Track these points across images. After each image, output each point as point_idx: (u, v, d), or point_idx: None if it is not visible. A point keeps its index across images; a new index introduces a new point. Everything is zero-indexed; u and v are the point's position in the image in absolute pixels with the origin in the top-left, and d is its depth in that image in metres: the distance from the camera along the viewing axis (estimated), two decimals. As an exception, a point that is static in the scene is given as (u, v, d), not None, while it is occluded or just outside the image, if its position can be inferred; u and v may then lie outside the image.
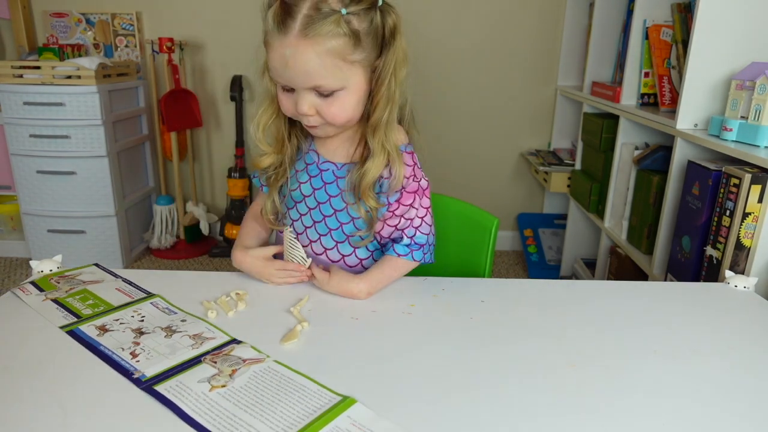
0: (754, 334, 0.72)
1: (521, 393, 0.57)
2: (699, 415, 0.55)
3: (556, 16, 2.41)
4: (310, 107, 0.76)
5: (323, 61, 0.72)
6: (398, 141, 0.84)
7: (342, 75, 0.74)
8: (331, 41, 0.71)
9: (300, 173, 0.89)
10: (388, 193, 0.84)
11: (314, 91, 0.75)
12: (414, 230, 0.86)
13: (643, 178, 1.56)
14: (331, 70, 0.73)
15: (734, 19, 1.25)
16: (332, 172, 0.86)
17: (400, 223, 0.86)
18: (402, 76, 0.80)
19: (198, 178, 2.64)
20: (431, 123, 2.51)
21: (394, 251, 0.85)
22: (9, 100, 2.10)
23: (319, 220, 0.88)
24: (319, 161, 0.87)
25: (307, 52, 0.71)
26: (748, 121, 1.16)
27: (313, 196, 0.87)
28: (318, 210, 0.87)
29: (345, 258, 0.89)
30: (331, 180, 0.86)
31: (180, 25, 2.42)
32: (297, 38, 0.70)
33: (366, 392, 0.55)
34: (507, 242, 2.71)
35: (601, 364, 0.63)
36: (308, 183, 0.88)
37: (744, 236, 1.07)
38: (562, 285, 0.87)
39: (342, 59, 0.73)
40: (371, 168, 0.80)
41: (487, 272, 1.03)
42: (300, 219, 0.90)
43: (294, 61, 0.72)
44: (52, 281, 0.80)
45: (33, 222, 2.26)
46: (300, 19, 0.70)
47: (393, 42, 0.78)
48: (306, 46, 0.70)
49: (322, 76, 0.73)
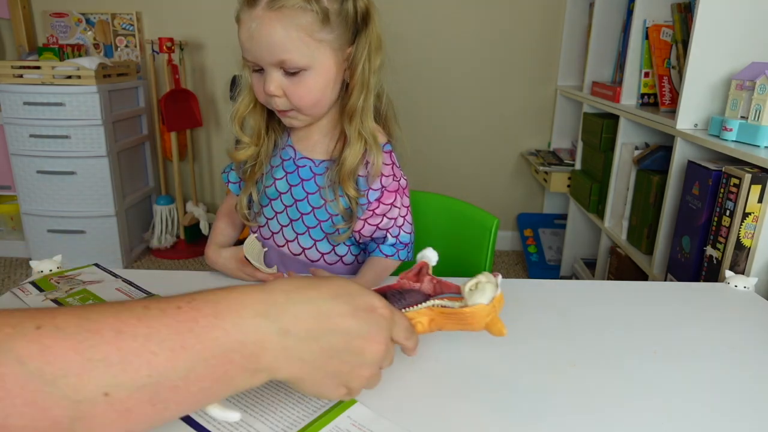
0: (754, 334, 0.72)
1: (521, 393, 0.57)
2: (699, 415, 0.55)
3: (556, 16, 2.40)
4: (276, 87, 0.76)
5: (289, 34, 0.72)
6: (377, 139, 0.84)
7: (308, 52, 0.74)
8: (299, 16, 0.71)
9: (276, 169, 0.87)
10: (370, 180, 0.83)
11: (281, 69, 0.75)
12: (398, 230, 0.86)
13: (643, 178, 1.56)
14: (296, 44, 0.73)
15: (734, 19, 1.25)
16: (309, 168, 0.85)
17: (383, 222, 0.86)
18: (377, 64, 0.80)
19: (198, 178, 2.64)
20: (431, 123, 2.51)
21: (380, 252, 0.85)
22: (9, 100, 2.10)
23: (296, 218, 0.86)
24: (296, 157, 0.86)
25: (273, 24, 0.71)
26: (748, 121, 1.16)
27: (290, 193, 0.86)
28: (294, 207, 0.86)
29: (324, 256, 0.89)
30: (309, 177, 0.85)
31: (180, 25, 2.42)
32: (264, 10, 0.71)
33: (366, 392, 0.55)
34: (507, 242, 2.71)
35: (601, 364, 0.63)
36: (284, 179, 0.86)
37: (744, 236, 1.07)
38: (562, 285, 0.87)
39: (309, 35, 0.73)
40: (349, 156, 0.80)
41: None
42: (275, 217, 0.88)
43: (259, 33, 0.72)
44: (52, 281, 0.80)
45: (33, 222, 2.26)
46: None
47: (366, 28, 0.78)
48: (272, 19, 0.71)
49: (287, 50, 0.73)
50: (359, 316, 0.45)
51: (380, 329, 0.47)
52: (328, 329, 0.44)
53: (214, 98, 2.53)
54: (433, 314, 0.54)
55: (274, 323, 0.41)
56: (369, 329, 0.46)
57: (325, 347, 0.43)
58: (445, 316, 0.54)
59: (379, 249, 0.85)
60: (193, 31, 2.43)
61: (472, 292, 0.52)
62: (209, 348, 0.37)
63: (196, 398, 0.38)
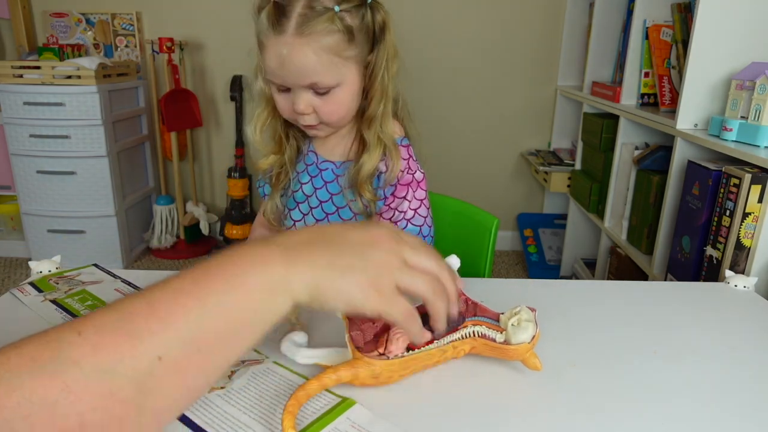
0: (754, 334, 0.72)
1: (521, 393, 0.57)
2: (699, 415, 0.55)
3: (556, 16, 2.40)
4: (307, 106, 0.77)
5: (320, 58, 0.73)
6: (394, 134, 0.85)
7: (338, 71, 0.76)
8: (327, 38, 0.72)
9: (301, 174, 0.90)
10: (384, 186, 0.85)
11: (311, 89, 0.76)
12: (406, 222, 0.86)
13: (643, 178, 1.56)
14: (327, 67, 0.74)
15: (734, 19, 1.25)
16: (331, 171, 0.88)
17: (394, 215, 0.86)
18: (394, 71, 0.82)
19: (198, 178, 2.64)
20: (431, 123, 2.51)
21: None
22: (9, 100, 2.10)
23: (321, 218, 0.89)
24: (318, 161, 0.89)
25: (303, 49, 0.72)
26: (748, 121, 1.16)
27: (315, 195, 0.89)
28: (320, 209, 0.88)
29: None
30: (331, 179, 0.87)
31: (180, 25, 2.42)
32: (293, 37, 0.72)
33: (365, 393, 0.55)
34: (507, 242, 2.71)
35: (601, 364, 0.63)
36: (309, 183, 0.89)
37: (744, 236, 1.07)
38: (562, 285, 0.87)
39: (338, 55, 0.74)
40: (367, 161, 0.82)
41: (487, 272, 1.03)
42: (303, 219, 0.90)
43: (290, 60, 0.73)
44: (51, 282, 0.80)
45: (33, 222, 2.26)
46: (295, 18, 0.71)
47: (383, 37, 0.80)
48: (302, 44, 0.72)
49: (318, 73, 0.74)
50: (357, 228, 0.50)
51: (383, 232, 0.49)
52: (323, 232, 0.48)
53: (214, 98, 2.53)
54: (476, 343, 0.59)
55: (278, 246, 0.44)
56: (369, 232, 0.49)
57: (328, 243, 0.46)
58: (490, 348, 0.58)
59: None
60: (193, 31, 2.43)
61: (515, 329, 0.56)
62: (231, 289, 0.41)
63: (237, 339, 0.41)
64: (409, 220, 0.87)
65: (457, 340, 0.58)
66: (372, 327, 0.61)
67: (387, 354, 0.57)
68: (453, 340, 0.58)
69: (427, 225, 0.88)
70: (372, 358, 0.54)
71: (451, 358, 0.61)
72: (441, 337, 0.59)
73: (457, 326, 0.60)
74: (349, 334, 0.56)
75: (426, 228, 0.88)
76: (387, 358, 0.56)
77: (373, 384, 0.55)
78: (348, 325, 0.58)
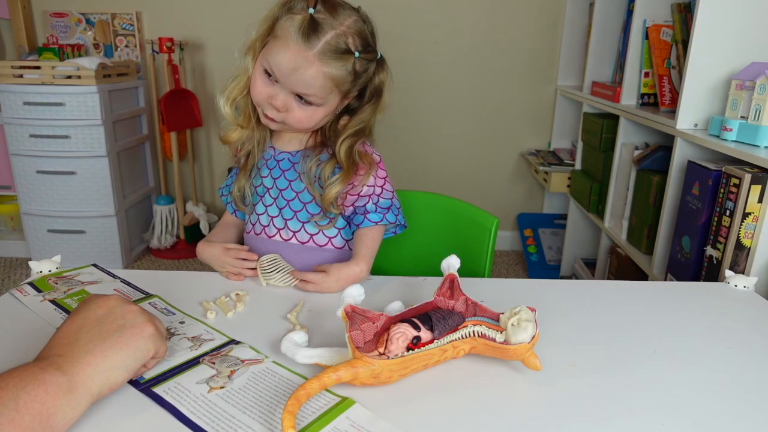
0: (754, 334, 0.72)
1: (520, 393, 0.57)
2: (699, 415, 0.55)
3: (556, 16, 2.40)
4: (283, 105, 0.83)
5: (324, 83, 0.81)
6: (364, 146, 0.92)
7: (328, 97, 0.84)
8: (338, 71, 0.81)
9: (261, 169, 0.95)
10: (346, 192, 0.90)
11: (296, 95, 0.83)
12: (377, 197, 0.90)
13: (643, 178, 1.56)
14: (324, 90, 0.82)
15: (734, 19, 1.25)
16: (288, 160, 0.93)
17: (363, 191, 0.90)
18: (376, 118, 0.93)
19: (198, 178, 2.64)
20: (431, 123, 2.51)
21: (369, 221, 0.89)
22: (9, 100, 2.10)
23: (283, 206, 0.93)
24: (275, 154, 0.94)
25: (318, 71, 0.80)
26: (748, 121, 1.16)
27: (275, 185, 0.93)
28: (281, 197, 0.93)
29: (313, 237, 0.94)
30: (288, 167, 0.93)
31: (180, 25, 2.42)
32: (315, 56, 0.79)
33: (365, 393, 0.55)
34: (507, 242, 2.71)
35: (601, 364, 0.63)
36: (269, 176, 0.94)
37: (744, 236, 1.07)
38: (562, 285, 0.87)
39: (337, 87, 0.83)
40: (335, 185, 0.87)
41: (487, 272, 1.03)
42: (266, 211, 0.94)
43: (303, 72, 0.79)
44: (50, 282, 0.80)
45: (33, 222, 2.26)
46: (323, 42, 0.79)
47: (378, 99, 0.90)
48: (319, 66, 0.79)
49: (315, 91, 0.82)
50: None
51: (127, 308, 0.55)
52: (81, 318, 0.53)
53: (214, 98, 2.53)
54: (476, 343, 0.60)
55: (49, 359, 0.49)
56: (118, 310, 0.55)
57: (84, 325, 0.52)
58: (490, 348, 0.59)
59: (367, 219, 0.89)
60: (193, 31, 2.43)
61: (515, 329, 0.57)
62: None
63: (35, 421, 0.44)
64: (379, 195, 0.91)
65: (457, 340, 0.58)
66: (372, 327, 0.61)
67: (387, 354, 0.57)
68: (453, 340, 0.59)
69: (395, 197, 0.93)
70: (372, 358, 0.54)
71: (451, 358, 0.61)
72: (441, 337, 0.59)
73: (457, 326, 0.60)
74: (349, 333, 0.56)
75: (395, 200, 0.92)
76: (387, 357, 0.56)
77: (373, 384, 0.56)
78: (348, 324, 0.58)
